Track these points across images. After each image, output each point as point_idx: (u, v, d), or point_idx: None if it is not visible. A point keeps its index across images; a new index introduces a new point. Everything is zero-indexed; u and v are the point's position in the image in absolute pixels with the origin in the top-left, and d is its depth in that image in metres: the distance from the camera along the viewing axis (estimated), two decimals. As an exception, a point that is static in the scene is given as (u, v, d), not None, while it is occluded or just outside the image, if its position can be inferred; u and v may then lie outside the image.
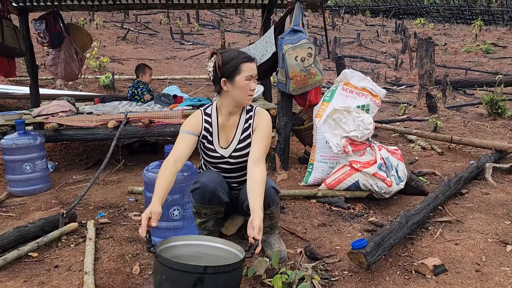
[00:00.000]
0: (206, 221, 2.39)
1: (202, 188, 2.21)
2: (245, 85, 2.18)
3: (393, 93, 9.18)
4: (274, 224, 2.43)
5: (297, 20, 3.71)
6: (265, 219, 2.33)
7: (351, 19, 21.95)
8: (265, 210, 2.21)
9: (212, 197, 2.23)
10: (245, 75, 2.16)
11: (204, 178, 2.24)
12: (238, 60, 2.16)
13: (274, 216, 2.38)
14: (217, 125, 2.33)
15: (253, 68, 2.20)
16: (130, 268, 2.33)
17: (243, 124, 2.34)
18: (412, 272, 2.24)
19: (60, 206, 3.34)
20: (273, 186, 2.29)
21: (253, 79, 2.21)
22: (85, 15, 15.22)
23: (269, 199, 2.23)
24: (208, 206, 2.28)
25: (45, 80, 8.17)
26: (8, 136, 3.69)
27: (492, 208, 3.03)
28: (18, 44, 4.75)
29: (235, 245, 2.00)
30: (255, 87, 2.23)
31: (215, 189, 2.21)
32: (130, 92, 5.24)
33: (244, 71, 2.16)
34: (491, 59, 12.34)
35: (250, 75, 2.18)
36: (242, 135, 2.33)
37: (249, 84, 2.19)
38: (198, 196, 2.24)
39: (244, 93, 2.20)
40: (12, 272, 2.31)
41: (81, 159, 4.86)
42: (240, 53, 2.20)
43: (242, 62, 2.16)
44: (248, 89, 2.19)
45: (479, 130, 5.53)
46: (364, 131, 3.24)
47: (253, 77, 2.20)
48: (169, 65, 10.77)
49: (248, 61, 2.17)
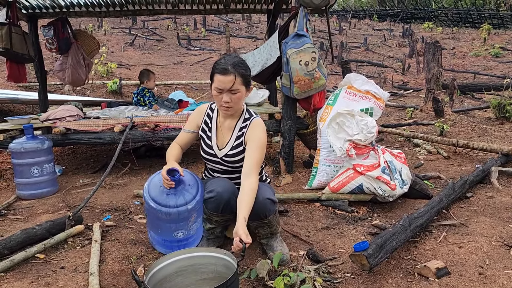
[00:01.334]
0: (215, 228, 2.44)
1: (217, 198, 2.25)
2: (215, 96, 2.19)
3: (400, 97, 9.16)
4: (274, 231, 2.45)
5: (301, 24, 3.73)
6: (264, 228, 2.39)
7: (358, 24, 21.97)
8: (262, 220, 2.32)
9: (226, 207, 2.28)
10: (214, 87, 2.17)
11: (218, 187, 2.26)
12: (214, 70, 2.17)
13: (272, 224, 2.41)
14: (216, 123, 2.43)
15: (224, 82, 2.12)
16: (135, 270, 2.36)
17: (237, 131, 2.37)
18: (415, 275, 2.23)
19: (67, 209, 3.39)
20: (268, 197, 2.28)
21: (225, 93, 2.15)
22: (94, 22, 15.43)
23: (264, 209, 2.28)
24: (220, 214, 2.32)
25: (54, 86, 8.28)
26: (17, 140, 3.75)
27: (497, 212, 3.01)
28: (26, 50, 4.83)
29: (220, 250, 2.02)
30: (228, 99, 2.16)
31: (229, 199, 2.26)
32: (135, 99, 5.28)
33: (215, 82, 2.16)
34: (500, 63, 12.26)
35: (218, 88, 2.15)
36: (235, 142, 2.37)
37: (220, 96, 2.17)
38: (213, 205, 2.28)
39: (216, 102, 2.24)
40: (19, 273, 2.34)
41: (88, 163, 4.92)
42: (220, 63, 2.16)
43: (215, 73, 2.16)
44: (219, 100, 2.19)
45: (486, 134, 5.49)
46: (367, 135, 3.25)
47: (223, 90, 2.14)
48: (175, 70, 10.86)
49: (219, 73, 2.13)
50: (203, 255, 2.03)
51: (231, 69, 2.13)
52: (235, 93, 2.17)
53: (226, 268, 2.00)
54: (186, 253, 2.00)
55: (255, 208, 2.17)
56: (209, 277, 2.05)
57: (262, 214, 2.29)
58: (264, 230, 2.41)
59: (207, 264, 2.04)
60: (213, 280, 2.02)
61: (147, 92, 5.22)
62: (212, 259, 2.03)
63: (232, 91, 2.16)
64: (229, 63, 2.14)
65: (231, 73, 2.12)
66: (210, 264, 2.04)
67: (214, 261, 2.03)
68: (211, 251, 2.03)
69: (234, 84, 2.14)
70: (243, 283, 2.18)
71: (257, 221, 2.33)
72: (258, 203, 2.20)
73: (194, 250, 2.03)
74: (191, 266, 2.01)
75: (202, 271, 2.04)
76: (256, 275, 2.19)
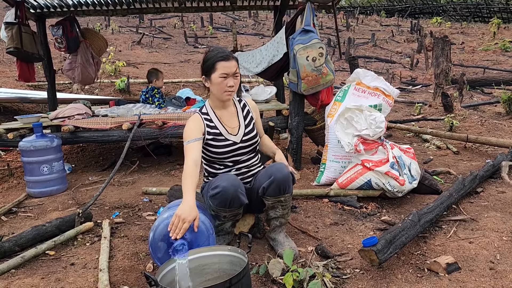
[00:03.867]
0: (224, 223, 2.41)
1: (223, 193, 2.23)
2: (219, 83, 2.30)
3: (408, 93, 9.08)
4: (285, 216, 2.46)
5: (308, 20, 3.72)
6: (277, 209, 2.40)
7: (365, 20, 21.81)
8: (279, 196, 2.35)
9: (233, 201, 2.26)
10: (219, 73, 2.28)
11: (223, 182, 2.25)
12: (214, 59, 2.29)
13: (286, 206, 2.43)
14: (217, 118, 2.46)
15: (229, 67, 2.28)
16: (144, 266, 2.37)
17: (242, 112, 2.54)
18: (425, 270, 2.22)
19: (77, 206, 3.41)
20: (291, 172, 2.40)
21: (230, 77, 2.30)
22: (101, 21, 15.51)
23: (286, 183, 2.33)
24: (228, 209, 2.30)
25: (62, 85, 8.34)
26: (26, 138, 3.78)
27: (508, 207, 2.98)
28: (36, 49, 4.88)
29: (223, 246, 2.03)
30: (233, 83, 2.31)
31: (236, 192, 2.24)
32: (143, 97, 5.27)
33: (219, 69, 2.28)
34: (510, 58, 12.10)
35: (225, 73, 2.28)
36: (246, 120, 2.53)
37: (225, 81, 2.30)
38: (219, 200, 2.26)
39: (220, 89, 2.33)
40: (30, 270, 2.37)
41: (97, 161, 4.95)
42: (219, 52, 2.31)
43: (217, 61, 2.28)
44: (224, 86, 2.31)
45: (496, 129, 5.43)
46: (376, 130, 3.23)
47: (229, 75, 2.29)
48: (183, 68, 10.88)
49: (223, 60, 2.28)
50: (206, 255, 2.01)
51: (231, 55, 2.32)
52: (237, 77, 2.34)
53: (231, 265, 1.99)
54: (189, 255, 1.96)
55: (277, 180, 2.30)
56: (214, 277, 2.03)
57: (283, 187, 2.33)
58: (276, 213, 2.42)
59: (210, 264, 2.02)
60: (219, 279, 2.00)
61: (157, 93, 5.18)
62: (215, 258, 2.01)
63: (235, 75, 2.32)
64: (226, 51, 2.34)
65: (233, 58, 2.31)
66: (213, 264, 2.02)
67: (217, 260, 2.01)
68: (214, 250, 2.01)
69: (235, 68, 2.31)
70: (252, 279, 2.17)
71: (274, 197, 2.36)
72: (283, 176, 2.31)
73: (196, 252, 1.99)
74: (194, 269, 1.97)
75: (206, 272, 2.02)
76: (265, 271, 2.19)
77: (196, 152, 2.28)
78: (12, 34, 4.54)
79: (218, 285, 1.67)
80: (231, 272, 1.96)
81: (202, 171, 2.61)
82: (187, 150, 2.28)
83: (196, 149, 2.29)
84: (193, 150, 2.28)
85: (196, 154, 2.27)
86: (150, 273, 1.78)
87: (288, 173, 2.34)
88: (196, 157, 2.25)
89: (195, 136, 2.33)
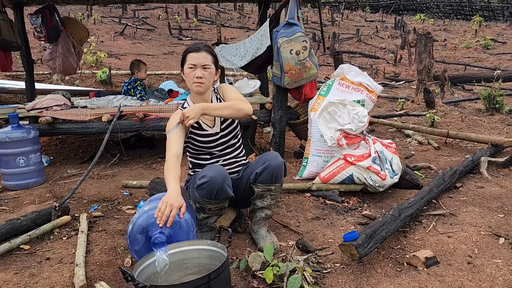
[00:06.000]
0: (209, 217, 2.36)
1: (210, 183, 2.18)
2: (188, 73, 2.35)
3: (392, 88, 9.15)
4: (271, 207, 2.46)
5: (292, 13, 3.68)
6: (264, 199, 2.42)
7: (350, 15, 21.89)
8: (270, 184, 2.37)
9: (220, 192, 2.21)
10: (188, 64, 2.34)
11: (211, 172, 2.21)
12: (186, 51, 2.39)
13: (275, 196, 2.43)
14: None
15: (197, 57, 2.32)
16: (122, 261, 2.33)
17: (216, 103, 2.51)
18: (404, 264, 2.23)
19: (54, 200, 3.33)
20: (284, 163, 2.41)
21: (199, 68, 2.33)
22: (83, 10, 15.18)
23: (278, 172, 2.36)
24: (213, 201, 2.25)
25: (42, 75, 8.14)
26: (2, 129, 3.67)
27: (486, 202, 3.02)
28: (14, 37, 4.73)
29: (203, 241, 2.01)
30: (201, 75, 2.33)
31: (223, 183, 2.20)
32: (125, 88, 5.19)
33: (188, 60, 2.35)
34: (490, 55, 12.30)
35: (192, 64, 2.33)
36: None
37: (193, 72, 2.34)
38: (205, 191, 2.20)
39: (189, 80, 2.38)
40: (3, 265, 2.30)
41: (76, 154, 4.85)
42: (192, 45, 2.39)
43: (188, 52, 2.37)
44: (192, 77, 2.35)
45: (476, 125, 5.51)
46: (358, 124, 3.23)
47: (197, 66, 2.33)
48: (167, 60, 10.73)
49: (193, 51, 2.35)
50: (185, 249, 1.98)
51: (203, 48, 2.37)
52: (207, 69, 2.35)
53: (210, 259, 1.97)
54: (169, 250, 1.92)
55: (271, 167, 2.32)
56: (193, 272, 2.00)
57: (275, 176, 2.35)
58: (263, 202, 2.42)
59: (190, 258, 1.99)
60: (198, 274, 1.97)
61: (139, 85, 5.11)
62: (194, 252, 1.98)
63: (204, 66, 2.33)
64: (199, 44, 2.41)
65: (203, 51, 2.35)
66: (193, 258, 1.99)
67: (197, 254, 1.98)
68: (193, 244, 1.99)
69: (206, 60, 2.33)
70: (232, 274, 2.15)
71: (265, 184, 2.36)
72: (277, 164, 2.34)
73: (175, 246, 1.96)
74: (173, 263, 1.94)
75: (185, 267, 1.99)
76: (246, 265, 2.17)
77: (178, 145, 2.26)
78: (-11, 21, 4.39)
79: (197, 280, 1.65)
80: (210, 267, 1.93)
81: (186, 164, 2.58)
82: (169, 142, 2.26)
83: (178, 142, 2.27)
84: (175, 143, 2.25)
85: (178, 147, 2.25)
86: (128, 268, 1.74)
87: (282, 162, 2.37)
88: (178, 151, 2.24)
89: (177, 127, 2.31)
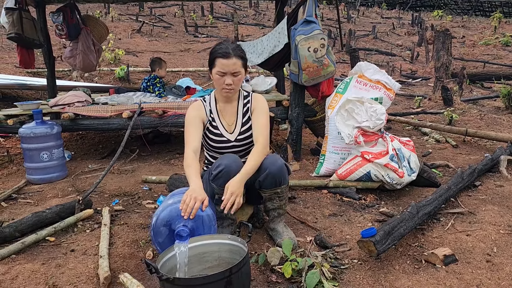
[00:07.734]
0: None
1: (225, 170, 2.19)
2: (217, 79, 2.30)
3: (408, 86, 9.07)
4: (282, 207, 2.45)
5: (310, 11, 3.70)
6: (274, 201, 2.40)
7: (366, 12, 21.70)
8: (275, 188, 2.34)
9: None
10: (217, 70, 2.27)
11: (225, 160, 2.23)
12: (214, 54, 2.28)
13: (283, 197, 2.42)
14: (217, 111, 2.46)
15: (227, 65, 2.24)
16: (144, 253, 2.39)
17: (242, 109, 2.47)
18: (422, 261, 2.24)
19: (76, 193, 3.42)
20: (285, 163, 2.37)
21: (228, 76, 2.26)
22: (101, 8, 15.36)
23: (280, 175, 2.31)
24: None
25: (62, 72, 8.30)
26: (26, 125, 3.78)
27: (506, 200, 3.00)
28: (37, 35, 4.85)
29: (223, 235, 2.05)
30: (231, 81, 2.27)
31: (238, 169, 2.20)
32: (144, 85, 5.26)
33: (217, 66, 2.27)
34: (510, 52, 12.08)
35: (221, 71, 2.26)
36: (244, 118, 2.47)
37: (222, 79, 2.28)
38: (222, 180, 2.20)
39: (218, 85, 2.33)
40: (31, 255, 2.38)
41: (96, 149, 4.95)
42: (221, 48, 2.27)
43: (216, 57, 2.27)
44: (221, 83, 2.29)
45: (495, 123, 5.44)
46: (376, 122, 3.23)
47: (226, 73, 2.26)
48: (183, 58, 10.82)
49: (222, 57, 2.24)
50: (206, 243, 2.02)
51: (232, 53, 2.25)
52: (237, 75, 2.29)
53: (230, 253, 2.01)
54: (190, 243, 1.97)
55: (272, 173, 2.28)
56: (213, 265, 2.04)
57: (278, 179, 2.32)
58: (273, 204, 2.41)
59: (210, 252, 2.03)
60: (218, 267, 2.02)
61: (158, 82, 5.16)
62: (215, 246, 2.02)
63: (234, 73, 2.27)
64: (229, 47, 2.28)
65: (233, 57, 2.25)
66: (213, 252, 2.03)
67: (217, 248, 2.03)
68: (214, 238, 2.03)
69: (235, 66, 2.26)
70: (251, 268, 2.19)
71: (270, 189, 2.35)
72: (277, 168, 2.29)
73: (196, 239, 2.01)
74: (194, 256, 1.99)
75: (206, 260, 2.04)
76: (264, 260, 2.20)
77: (196, 140, 2.31)
78: (13, 19, 4.50)
79: (219, 273, 1.69)
80: (230, 261, 1.97)
81: (203, 158, 2.61)
82: (187, 137, 2.31)
83: (196, 137, 2.32)
84: (193, 138, 2.30)
85: (196, 143, 2.30)
86: (150, 260, 1.80)
87: (282, 164, 2.32)
88: (196, 146, 2.28)
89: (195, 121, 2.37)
